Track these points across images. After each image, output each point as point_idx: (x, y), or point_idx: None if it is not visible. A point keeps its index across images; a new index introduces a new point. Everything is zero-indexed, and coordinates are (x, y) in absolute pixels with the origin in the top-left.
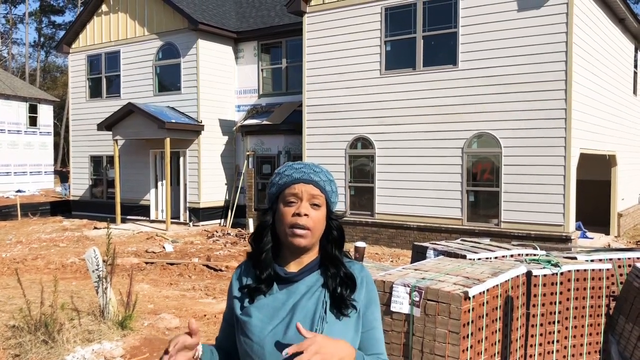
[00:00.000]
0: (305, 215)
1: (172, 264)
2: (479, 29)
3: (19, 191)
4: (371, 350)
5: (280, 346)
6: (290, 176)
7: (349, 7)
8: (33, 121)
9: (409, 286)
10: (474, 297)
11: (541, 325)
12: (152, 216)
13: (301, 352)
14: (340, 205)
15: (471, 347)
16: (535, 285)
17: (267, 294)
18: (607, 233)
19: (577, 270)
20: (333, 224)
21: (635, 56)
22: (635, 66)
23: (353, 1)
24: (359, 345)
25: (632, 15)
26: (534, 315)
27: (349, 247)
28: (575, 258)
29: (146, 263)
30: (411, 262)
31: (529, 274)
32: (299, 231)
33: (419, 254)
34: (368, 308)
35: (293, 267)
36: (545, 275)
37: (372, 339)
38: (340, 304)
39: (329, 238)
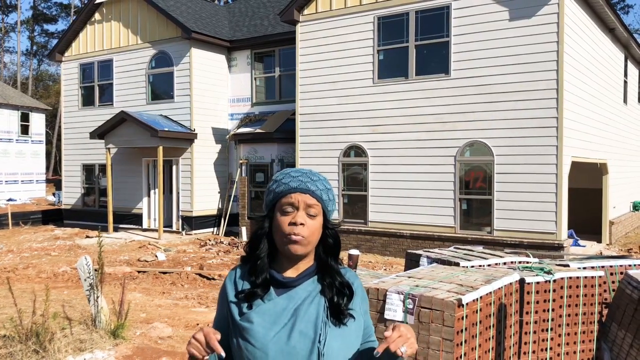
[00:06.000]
0: (302, 224)
1: (164, 273)
2: (471, 39)
3: (10, 200)
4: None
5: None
6: (287, 185)
7: (342, 16)
8: (25, 130)
9: (402, 294)
10: (467, 304)
11: (534, 332)
12: (145, 225)
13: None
14: (334, 214)
15: (465, 354)
16: (528, 293)
17: (265, 299)
18: (599, 241)
19: (570, 278)
20: (329, 232)
21: (625, 65)
22: (625, 75)
23: (346, 10)
24: (361, 351)
25: (621, 25)
26: (527, 323)
27: (342, 254)
28: (567, 265)
29: (138, 272)
30: (405, 270)
31: (522, 282)
32: (295, 238)
33: (412, 262)
34: (366, 315)
35: (290, 273)
36: (538, 283)
37: (374, 342)
38: (339, 313)
39: (324, 246)
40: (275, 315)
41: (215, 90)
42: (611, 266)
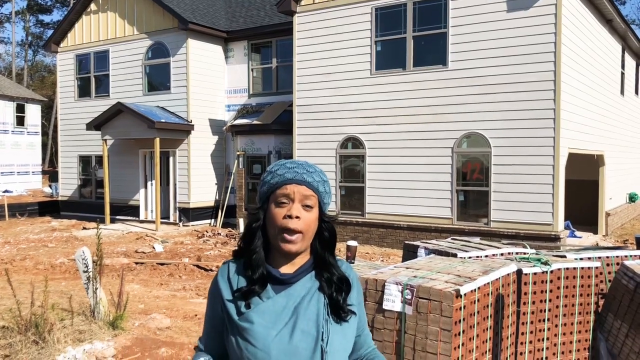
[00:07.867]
0: (297, 217)
1: (162, 264)
2: (469, 30)
3: (6, 191)
4: (367, 345)
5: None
6: (283, 176)
7: (339, 7)
8: (20, 121)
9: (401, 284)
10: (465, 295)
11: (531, 322)
12: (142, 216)
13: None
14: (331, 205)
15: (463, 344)
16: (525, 284)
17: (263, 297)
18: (595, 232)
19: (567, 269)
20: (325, 225)
21: (623, 57)
22: (623, 67)
23: (343, 1)
24: (354, 342)
25: (619, 16)
26: (524, 313)
27: (340, 246)
28: (564, 256)
29: (136, 263)
30: (402, 261)
31: (519, 272)
32: (289, 237)
33: (410, 253)
34: (360, 306)
35: (286, 269)
36: (535, 274)
37: (367, 335)
38: (339, 310)
39: (320, 240)
40: (276, 314)
41: (212, 82)
42: (607, 257)
